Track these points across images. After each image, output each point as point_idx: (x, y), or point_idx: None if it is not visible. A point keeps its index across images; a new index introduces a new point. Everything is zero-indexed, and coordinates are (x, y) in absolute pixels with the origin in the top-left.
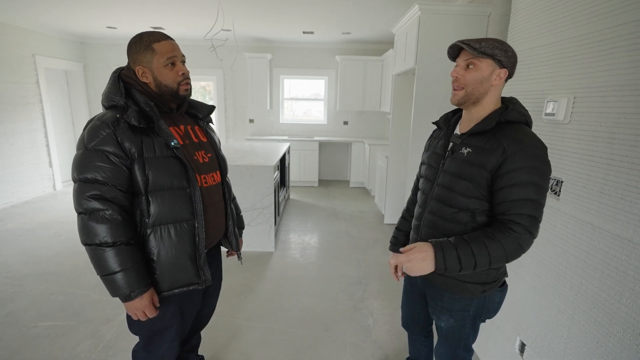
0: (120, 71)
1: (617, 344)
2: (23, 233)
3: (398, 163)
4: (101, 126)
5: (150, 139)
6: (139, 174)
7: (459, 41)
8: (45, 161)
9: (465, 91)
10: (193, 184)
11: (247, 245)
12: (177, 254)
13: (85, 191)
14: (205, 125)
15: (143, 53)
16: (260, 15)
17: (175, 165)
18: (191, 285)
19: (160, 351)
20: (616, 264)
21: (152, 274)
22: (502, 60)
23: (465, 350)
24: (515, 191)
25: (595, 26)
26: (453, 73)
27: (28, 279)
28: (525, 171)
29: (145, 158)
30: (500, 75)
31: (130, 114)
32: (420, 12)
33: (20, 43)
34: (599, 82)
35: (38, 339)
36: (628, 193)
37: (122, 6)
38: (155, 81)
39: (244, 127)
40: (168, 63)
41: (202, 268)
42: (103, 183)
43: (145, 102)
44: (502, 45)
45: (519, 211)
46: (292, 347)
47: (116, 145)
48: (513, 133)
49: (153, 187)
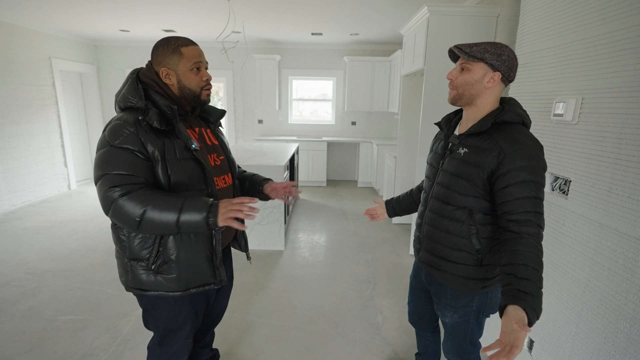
0: (138, 72)
1: (624, 339)
2: (40, 231)
3: (406, 163)
4: (124, 125)
5: (171, 141)
6: (161, 175)
7: (453, 46)
8: (61, 161)
9: (457, 91)
10: (211, 186)
11: (257, 244)
12: (196, 255)
13: (108, 183)
14: (215, 129)
15: (170, 55)
16: (269, 17)
17: (194, 168)
18: (207, 285)
19: (174, 347)
20: (624, 262)
21: (170, 274)
22: (493, 63)
23: (472, 345)
24: (517, 190)
25: (603, 29)
26: (449, 75)
27: (47, 275)
28: (524, 170)
29: (167, 160)
30: (494, 78)
31: (152, 116)
32: (429, 13)
33: (37, 46)
34: (606, 84)
35: (59, 332)
36: (635, 192)
37: (136, 8)
38: (179, 84)
39: (253, 128)
40: (194, 67)
41: (218, 268)
42: (129, 175)
43: (166, 105)
44: (496, 49)
45: (524, 209)
46: (303, 344)
47: (140, 145)
48: (509, 133)
49: (174, 188)
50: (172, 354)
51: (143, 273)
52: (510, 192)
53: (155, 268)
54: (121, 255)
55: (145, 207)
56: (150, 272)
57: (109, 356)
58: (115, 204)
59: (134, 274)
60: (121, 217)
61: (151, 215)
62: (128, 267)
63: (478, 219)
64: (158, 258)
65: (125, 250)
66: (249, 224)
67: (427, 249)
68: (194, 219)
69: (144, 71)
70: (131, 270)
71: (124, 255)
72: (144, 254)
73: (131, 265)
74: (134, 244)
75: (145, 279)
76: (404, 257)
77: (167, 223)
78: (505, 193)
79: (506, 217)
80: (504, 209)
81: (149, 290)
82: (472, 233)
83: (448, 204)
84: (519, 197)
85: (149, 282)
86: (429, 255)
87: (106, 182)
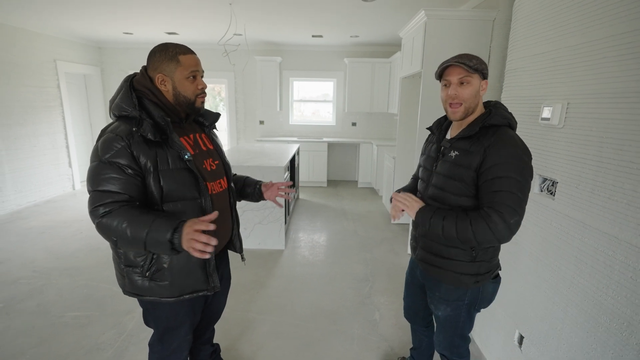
0: (131, 79)
1: (605, 333)
2: (45, 230)
3: (405, 164)
4: (115, 139)
5: (164, 151)
6: (154, 186)
7: (454, 62)
8: (65, 162)
9: (464, 106)
10: (204, 194)
11: (258, 243)
12: (189, 262)
13: (98, 200)
14: (210, 132)
15: (167, 62)
16: (270, 20)
17: (187, 177)
18: (200, 292)
19: (175, 344)
20: (604, 259)
21: (163, 281)
22: (485, 73)
23: (462, 339)
24: (495, 184)
25: (588, 37)
26: (452, 92)
27: (53, 273)
28: (502, 167)
29: (160, 170)
30: (483, 87)
31: (146, 127)
32: (427, 17)
33: (42, 49)
34: (590, 90)
35: (67, 328)
36: (615, 193)
37: (139, 11)
38: (174, 90)
39: (254, 129)
40: (190, 76)
41: (212, 275)
42: (117, 192)
43: (160, 116)
44: (479, 59)
45: (496, 200)
46: (302, 339)
47: (130, 159)
48: (495, 135)
49: (167, 198)
50: (173, 350)
51: (138, 279)
52: (488, 186)
53: (149, 275)
54: (117, 261)
55: (122, 224)
56: (145, 278)
57: (114, 350)
58: (99, 223)
59: (130, 280)
60: (103, 234)
61: (125, 232)
62: (124, 273)
63: None
64: (152, 265)
65: (121, 257)
66: (250, 224)
67: (423, 247)
68: (160, 239)
69: (138, 78)
70: (127, 276)
71: (120, 261)
72: (138, 261)
73: (127, 272)
74: (129, 252)
75: (141, 285)
76: (402, 257)
77: (137, 240)
78: (484, 187)
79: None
80: (482, 202)
81: (145, 295)
82: None
83: (442, 204)
84: (495, 190)
85: (144, 287)
86: (425, 253)
87: (92, 200)
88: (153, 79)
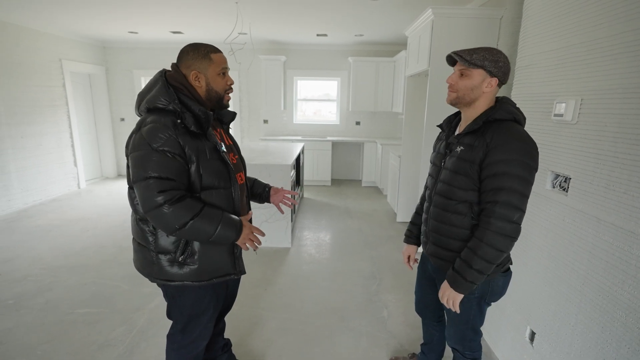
0: (164, 74)
1: (621, 328)
2: (52, 229)
3: (410, 162)
4: (163, 129)
5: (202, 143)
6: (195, 176)
7: (452, 53)
8: (70, 161)
9: (457, 95)
10: (234, 184)
11: (264, 241)
12: (219, 248)
13: (154, 188)
14: (227, 130)
15: (200, 60)
16: (275, 19)
17: (222, 168)
18: (228, 276)
19: (196, 333)
20: (619, 254)
21: (194, 265)
22: (492, 70)
23: (473, 332)
24: (495, 181)
25: (601, 33)
26: (449, 79)
27: (61, 271)
28: (504, 163)
29: (200, 161)
30: (492, 84)
31: (189, 119)
32: (434, 15)
33: (48, 49)
34: (603, 85)
35: (76, 324)
36: (631, 188)
37: (144, 10)
38: (207, 86)
39: (258, 128)
40: (221, 72)
41: (239, 259)
42: (172, 181)
43: (202, 110)
44: (493, 55)
45: (495, 198)
46: (311, 336)
47: (179, 148)
48: (498, 130)
49: (205, 187)
50: (193, 339)
51: (168, 265)
52: (488, 183)
53: (182, 260)
54: (146, 248)
55: (191, 217)
56: (175, 263)
57: (126, 346)
58: (159, 210)
59: (159, 266)
60: (163, 222)
61: (194, 225)
62: (154, 260)
63: (478, 210)
64: (185, 251)
65: (151, 244)
66: (256, 222)
67: (434, 242)
68: (229, 235)
69: (171, 74)
70: (157, 263)
71: (149, 248)
72: (171, 248)
73: (158, 258)
74: (162, 238)
75: (171, 270)
76: None
77: (205, 234)
78: (485, 183)
79: (483, 205)
80: (483, 198)
81: (174, 281)
82: (473, 225)
83: (450, 199)
84: (495, 187)
85: (174, 273)
86: (435, 248)
87: (153, 186)
88: (187, 75)
